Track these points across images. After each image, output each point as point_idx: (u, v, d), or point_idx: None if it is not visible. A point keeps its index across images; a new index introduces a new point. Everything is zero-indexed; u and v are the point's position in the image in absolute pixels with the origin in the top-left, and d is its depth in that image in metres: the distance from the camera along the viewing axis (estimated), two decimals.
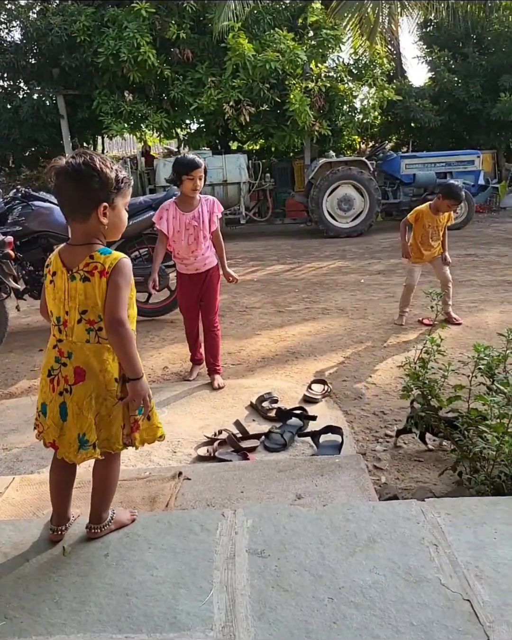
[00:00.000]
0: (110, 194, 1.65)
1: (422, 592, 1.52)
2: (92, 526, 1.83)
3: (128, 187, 1.71)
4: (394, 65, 14.46)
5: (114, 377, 1.69)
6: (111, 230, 1.71)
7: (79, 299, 1.64)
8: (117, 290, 1.61)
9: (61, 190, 1.65)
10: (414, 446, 2.91)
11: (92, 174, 1.60)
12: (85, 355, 1.67)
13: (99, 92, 11.31)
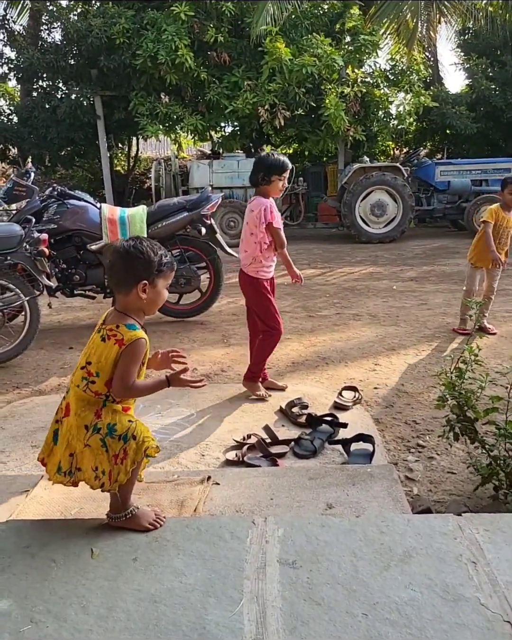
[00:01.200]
0: (151, 274, 1.87)
1: (461, 612, 1.46)
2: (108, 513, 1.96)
3: (170, 271, 1.94)
4: (431, 72, 14.32)
5: (84, 424, 1.85)
6: (149, 305, 1.93)
7: (91, 351, 1.88)
8: (127, 364, 1.83)
9: (112, 266, 1.90)
10: (447, 457, 2.84)
11: (138, 255, 1.85)
12: (73, 395, 1.90)
13: (136, 94, 11.40)
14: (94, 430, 1.83)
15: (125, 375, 1.82)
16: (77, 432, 1.86)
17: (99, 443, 1.82)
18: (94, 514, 2.16)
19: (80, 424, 1.85)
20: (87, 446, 1.84)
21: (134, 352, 1.83)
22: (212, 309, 5.56)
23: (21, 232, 4.25)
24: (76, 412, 1.87)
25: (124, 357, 1.82)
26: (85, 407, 1.87)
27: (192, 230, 5.23)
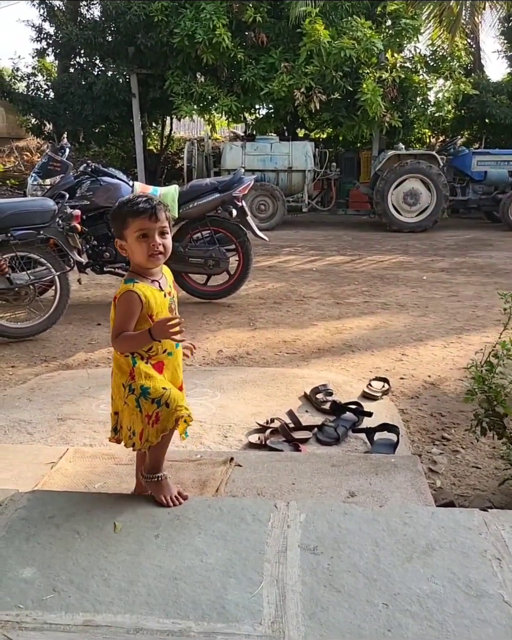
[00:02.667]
0: (119, 230, 1.85)
1: (483, 608, 1.44)
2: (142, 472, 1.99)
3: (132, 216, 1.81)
4: (472, 59, 13.98)
5: (121, 383, 1.89)
6: (134, 260, 1.89)
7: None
8: (117, 314, 1.86)
9: None
10: (472, 452, 2.80)
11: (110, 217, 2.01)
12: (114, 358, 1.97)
13: (172, 73, 11.35)
14: (130, 390, 1.86)
15: (114, 326, 1.86)
16: (117, 390, 1.92)
17: (134, 403, 1.85)
18: (117, 489, 2.18)
19: (119, 383, 1.91)
20: (125, 404, 1.89)
21: (120, 303, 1.84)
22: (239, 292, 5.55)
23: (55, 207, 4.28)
24: (114, 372, 1.94)
25: (115, 310, 1.87)
26: (120, 367, 1.91)
27: (223, 212, 5.20)
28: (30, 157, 15.09)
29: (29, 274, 4.24)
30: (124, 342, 1.85)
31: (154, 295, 1.86)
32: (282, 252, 8.32)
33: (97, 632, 1.38)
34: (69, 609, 1.45)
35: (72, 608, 1.46)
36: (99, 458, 2.45)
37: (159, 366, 1.92)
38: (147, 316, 1.85)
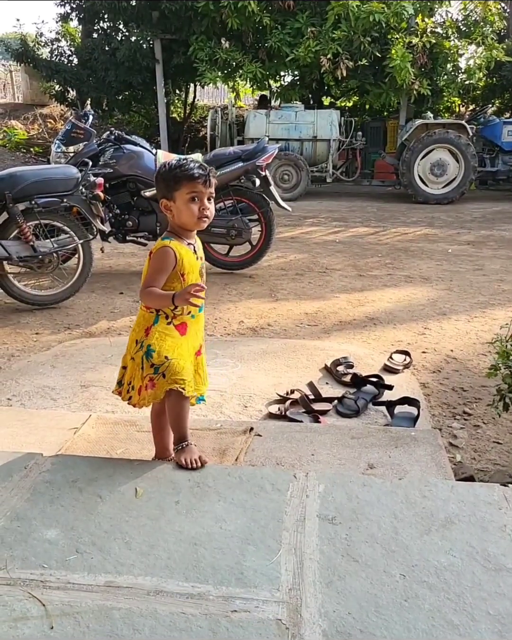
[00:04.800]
0: (167, 191, 1.88)
1: (501, 582, 1.45)
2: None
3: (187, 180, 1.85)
4: (506, 24, 13.48)
5: (136, 339, 1.95)
6: (181, 221, 1.92)
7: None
8: (150, 267, 1.91)
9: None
10: (494, 427, 2.79)
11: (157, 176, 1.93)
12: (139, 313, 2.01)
13: (196, 38, 11.15)
14: (140, 347, 1.93)
15: (144, 279, 1.91)
16: (130, 345, 1.98)
17: (140, 360, 1.92)
18: (138, 455, 2.21)
19: (134, 338, 1.97)
20: (132, 359, 1.95)
21: (155, 257, 1.89)
22: (261, 263, 5.53)
23: (78, 175, 4.27)
24: (134, 328, 1.99)
25: (148, 263, 1.92)
26: (141, 323, 1.96)
27: (246, 182, 5.15)
28: (54, 125, 15.02)
29: (53, 242, 4.25)
30: (148, 297, 1.90)
31: (188, 255, 1.92)
32: (305, 223, 8.24)
33: (119, 593, 1.42)
34: (92, 570, 1.49)
35: (95, 569, 1.49)
36: (121, 425, 2.48)
37: (182, 327, 1.96)
38: (180, 274, 1.91)
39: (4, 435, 2.39)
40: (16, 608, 1.37)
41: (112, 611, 1.36)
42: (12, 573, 1.48)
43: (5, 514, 1.69)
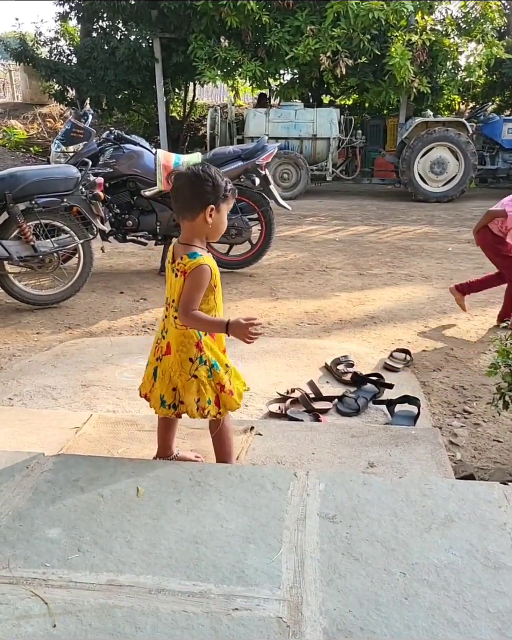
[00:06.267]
0: (218, 198, 1.85)
1: (501, 580, 1.45)
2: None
3: (233, 197, 1.93)
4: (506, 21, 13.46)
5: (189, 357, 1.94)
6: (213, 231, 1.92)
7: (173, 290, 1.92)
8: (188, 291, 1.86)
9: (178, 190, 1.87)
10: (494, 425, 2.79)
11: (207, 179, 1.83)
12: (172, 335, 1.96)
13: (195, 37, 11.13)
14: (201, 362, 1.93)
15: (185, 300, 1.86)
16: (179, 367, 1.94)
17: (206, 373, 1.93)
18: (140, 454, 2.23)
19: (184, 359, 1.93)
20: (193, 377, 1.93)
21: (194, 278, 1.85)
22: (261, 262, 5.53)
23: (78, 174, 4.27)
24: (178, 349, 1.94)
25: (186, 284, 1.86)
26: (186, 342, 1.93)
27: (245, 181, 5.15)
28: (54, 124, 15.02)
29: (53, 242, 4.26)
30: (196, 322, 1.88)
31: (215, 265, 1.93)
32: (305, 222, 8.24)
33: (121, 592, 1.42)
34: (94, 569, 1.50)
35: (97, 568, 1.50)
36: (122, 424, 2.49)
37: (212, 335, 1.99)
38: (213, 286, 1.92)
39: (5, 435, 2.40)
40: (19, 606, 1.38)
41: (114, 609, 1.37)
42: (15, 572, 1.49)
43: (8, 513, 1.70)
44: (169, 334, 1.96)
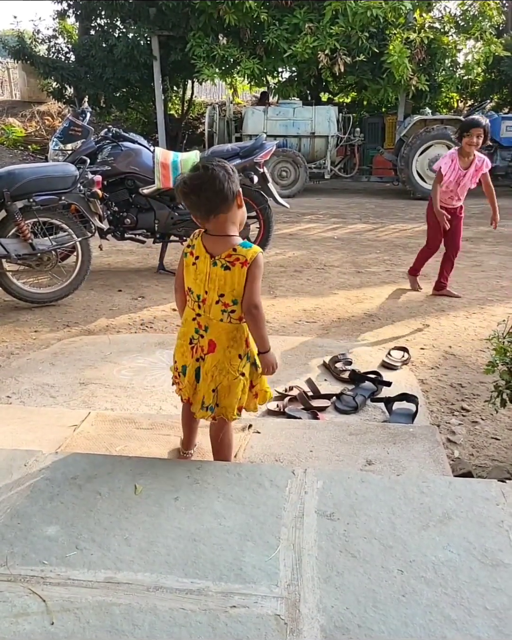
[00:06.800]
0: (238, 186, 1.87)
1: (498, 577, 1.46)
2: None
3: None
4: (505, 19, 13.44)
5: (238, 354, 1.92)
6: (243, 218, 1.94)
7: (219, 284, 1.86)
8: (256, 280, 1.85)
9: (206, 186, 1.80)
10: (492, 423, 2.80)
11: (229, 171, 1.84)
12: (218, 331, 1.91)
13: (194, 34, 11.12)
14: (248, 358, 1.94)
15: (255, 292, 1.86)
16: (228, 365, 1.91)
17: (250, 369, 1.95)
18: (138, 452, 2.23)
19: (234, 355, 1.92)
20: (241, 375, 1.92)
21: (259, 267, 1.86)
22: None
23: (76, 172, 4.26)
24: (229, 345, 1.91)
25: (250, 274, 1.85)
26: (238, 337, 1.92)
27: (244, 178, 5.14)
28: (52, 122, 14.99)
29: (51, 240, 4.25)
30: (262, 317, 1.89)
31: None
32: (304, 220, 8.23)
33: (119, 589, 1.43)
34: (91, 566, 1.50)
35: (94, 565, 1.50)
36: (120, 422, 2.49)
37: None
38: None
39: (3, 433, 2.40)
40: (17, 604, 1.38)
41: (112, 607, 1.37)
42: (13, 569, 1.49)
43: (6, 511, 1.70)
44: (213, 330, 1.91)
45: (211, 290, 1.88)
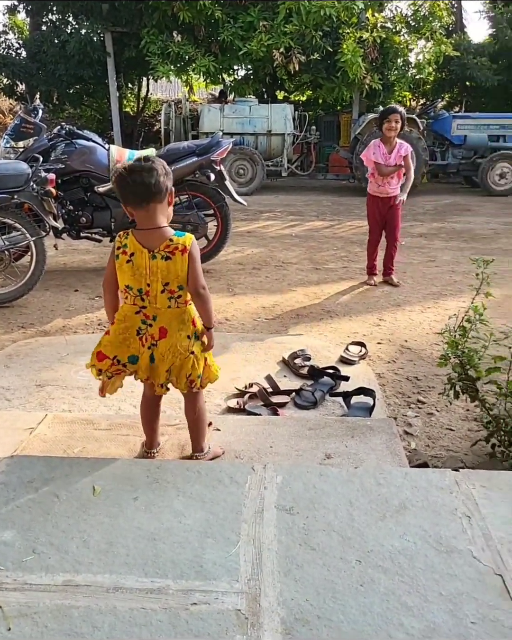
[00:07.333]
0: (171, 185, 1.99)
1: (453, 563, 1.50)
2: (196, 455, 2.21)
3: None
4: (454, 19, 13.73)
5: (187, 335, 2.03)
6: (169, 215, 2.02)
7: (162, 274, 1.95)
8: (197, 263, 1.97)
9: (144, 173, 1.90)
10: (446, 414, 2.86)
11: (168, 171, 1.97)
12: (168, 318, 2.01)
13: (148, 31, 11.01)
14: (196, 338, 2.04)
15: (199, 274, 1.98)
16: (178, 346, 2.01)
17: (200, 348, 2.05)
18: (96, 453, 2.20)
19: (184, 337, 2.01)
20: (191, 354, 2.02)
21: (196, 250, 1.98)
22: (218, 258, 5.51)
23: (28, 170, 4.18)
24: (179, 329, 2.01)
25: (191, 259, 1.96)
26: (186, 319, 2.02)
27: (200, 176, 5.12)
28: (3, 119, 14.66)
29: (4, 240, 4.16)
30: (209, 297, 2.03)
31: None
32: (262, 217, 8.26)
33: (77, 592, 1.41)
34: (49, 570, 1.48)
35: (52, 569, 1.48)
36: (78, 423, 2.46)
37: None
38: None
39: None
40: None
41: (70, 610, 1.35)
42: None
43: None
44: (162, 318, 2.00)
45: (154, 282, 1.96)
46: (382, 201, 4.85)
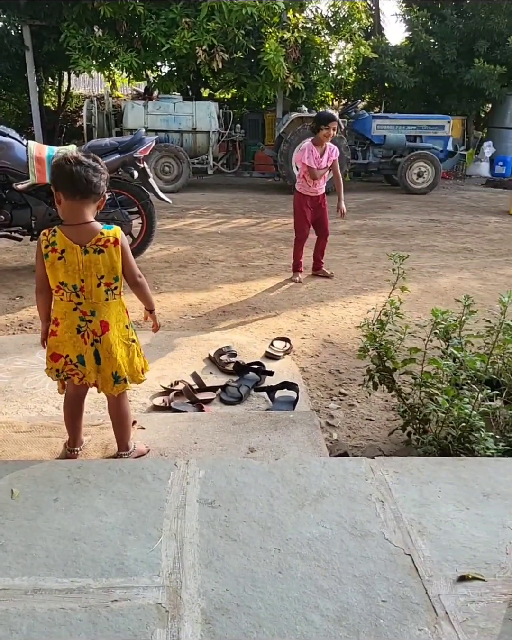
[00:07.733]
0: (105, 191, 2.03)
1: (366, 546, 1.57)
2: (122, 453, 2.20)
3: None
4: (372, 22, 14.11)
5: (125, 325, 2.08)
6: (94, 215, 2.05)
7: (96, 268, 1.96)
8: (129, 253, 2.03)
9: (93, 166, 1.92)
10: (367, 405, 2.97)
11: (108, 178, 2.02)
12: (106, 311, 2.02)
13: (67, 25, 10.71)
14: (131, 326, 2.11)
15: (133, 263, 2.05)
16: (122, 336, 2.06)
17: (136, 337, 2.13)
18: (16, 456, 2.16)
19: (123, 327, 2.07)
20: (132, 342, 2.09)
21: (126, 242, 2.03)
22: (143, 255, 5.47)
23: None
24: (117, 320, 2.05)
25: (124, 250, 2.00)
26: (122, 310, 2.07)
27: (124, 174, 5.07)
28: None
29: None
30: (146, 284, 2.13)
31: None
32: (188, 215, 8.24)
33: None
34: None
35: None
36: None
37: None
38: None
39: None
40: None
41: None
42: None
43: None
44: (101, 312, 2.00)
45: (88, 277, 1.96)
46: (312, 200, 5.06)
